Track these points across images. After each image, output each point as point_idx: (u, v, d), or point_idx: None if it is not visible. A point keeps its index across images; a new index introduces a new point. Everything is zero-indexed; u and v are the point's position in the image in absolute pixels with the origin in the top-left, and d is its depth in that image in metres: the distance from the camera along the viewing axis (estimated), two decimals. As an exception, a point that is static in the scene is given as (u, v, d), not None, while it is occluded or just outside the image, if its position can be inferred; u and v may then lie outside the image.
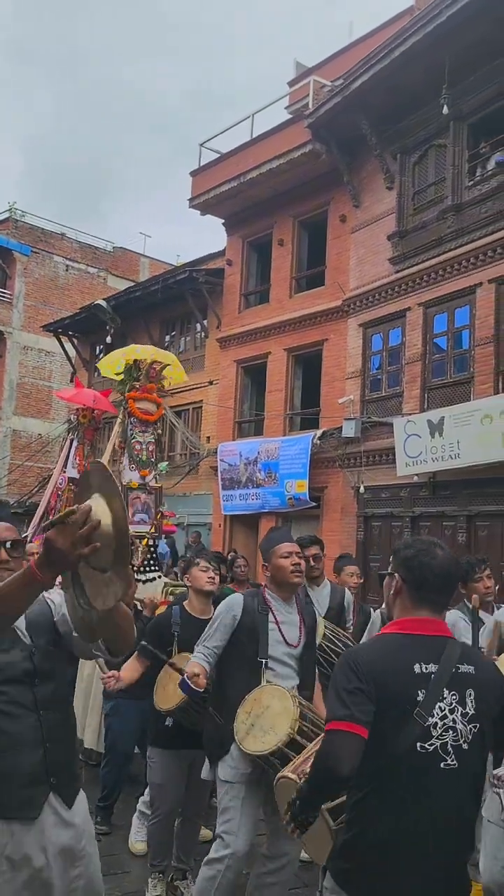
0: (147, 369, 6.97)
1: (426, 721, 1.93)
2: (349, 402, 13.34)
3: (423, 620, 2.07)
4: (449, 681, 1.97)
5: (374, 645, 2.16)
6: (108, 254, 29.27)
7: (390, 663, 2.00)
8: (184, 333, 19.48)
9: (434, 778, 1.93)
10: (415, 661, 1.99)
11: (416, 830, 1.93)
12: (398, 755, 1.93)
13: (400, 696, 1.96)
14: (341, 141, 13.68)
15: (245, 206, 16.39)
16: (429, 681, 1.97)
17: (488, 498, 10.82)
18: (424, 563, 2.09)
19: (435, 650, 2.02)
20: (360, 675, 1.97)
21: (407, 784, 1.94)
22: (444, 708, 1.95)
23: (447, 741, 1.95)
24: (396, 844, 1.94)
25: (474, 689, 2.00)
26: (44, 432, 23.69)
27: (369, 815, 1.99)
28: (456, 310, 11.79)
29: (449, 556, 2.14)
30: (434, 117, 11.87)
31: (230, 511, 15.80)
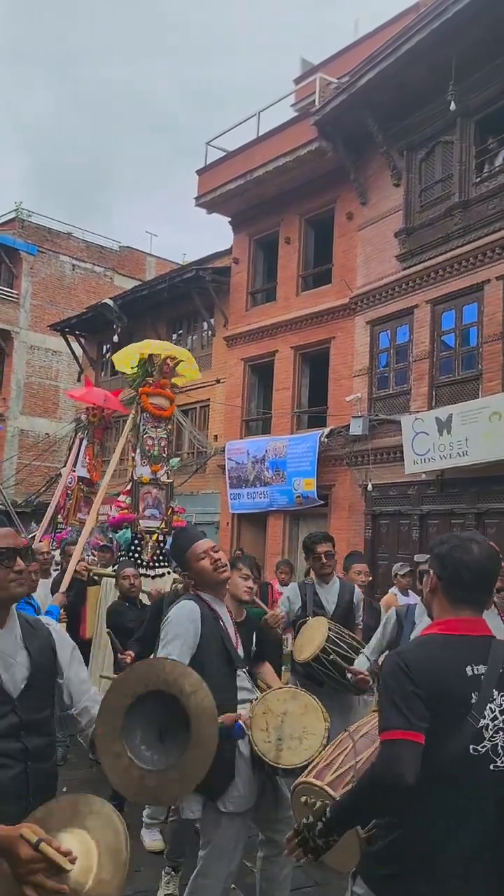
0: (161, 365, 6.97)
1: (479, 723, 1.91)
2: (357, 400, 13.32)
3: (467, 620, 2.04)
4: (497, 682, 1.95)
5: (422, 646, 2.06)
6: (114, 253, 29.29)
7: (443, 665, 1.96)
8: (191, 332, 19.48)
9: (485, 780, 1.91)
10: (466, 662, 1.96)
11: (467, 836, 1.90)
12: (451, 758, 1.90)
13: (454, 699, 1.92)
14: (348, 138, 13.65)
15: (251, 204, 16.38)
16: (480, 682, 1.94)
17: (497, 495, 10.79)
18: (458, 559, 2.04)
19: (482, 651, 1.99)
20: (414, 679, 1.92)
21: (458, 788, 1.91)
22: (494, 709, 1.93)
23: (498, 742, 1.92)
24: (444, 850, 1.90)
25: None
26: (51, 432, 23.72)
27: (417, 819, 1.93)
28: (464, 307, 11.75)
29: (486, 550, 2.07)
30: (441, 114, 11.84)
31: (238, 510, 15.80)
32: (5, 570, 2.03)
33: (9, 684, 2.01)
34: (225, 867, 3.02)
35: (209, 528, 16.52)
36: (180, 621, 3.09)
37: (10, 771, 1.97)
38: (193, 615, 3.10)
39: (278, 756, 2.91)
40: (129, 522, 6.65)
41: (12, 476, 23.72)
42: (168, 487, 7.09)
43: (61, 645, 2.22)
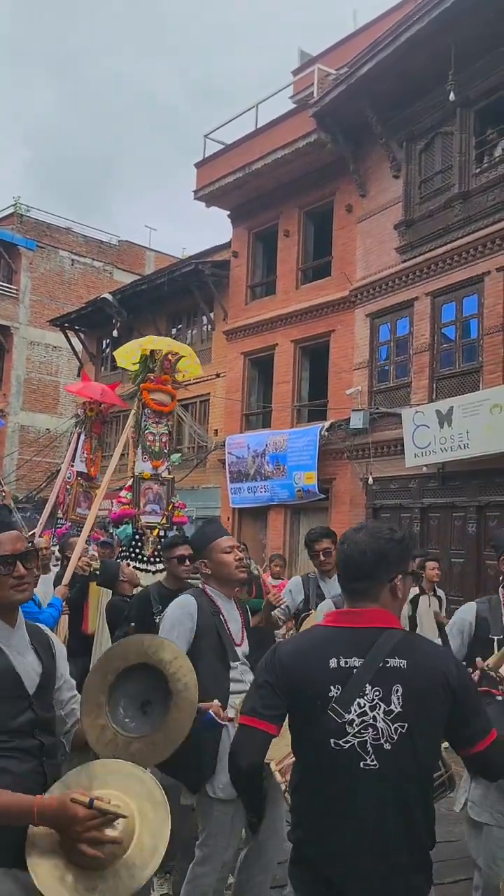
0: (162, 360, 6.95)
1: (342, 717, 1.82)
2: (357, 394, 13.29)
3: (350, 612, 1.97)
4: (373, 676, 1.84)
5: (298, 637, 2.11)
6: (113, 248, 29.23)
7: (305, 657, 1.93)
8: (190, 326, 19.44)
9: (354, 778, 1.81)
10: (332, 655, 1.87)
11: (343, 829, 1.83)
12: (315, 751, 1.87)
13: (310, 691, 1.87)
14: (347, 130, 13.58)
15: (250, 197, 16.31)
16: (349, 676, 1.84)
17: (498, 488, 10.76)
18: (339, 550, 2.05)
19: (360, 643, 1.88)
20: (274, 669, 1.94)
21: (326, 782, 1.86)
22: (363, 704, 1.82)
23: (366, 739, 1.81)
24: (324, 841, 1.86)
25: (403, 685, 1.83)
26: (51, 427, 23.73)
27: (299, 807, 1.96)
28: (464, 299, 11.71)
29: (367, 537, 1.98)
30: (440, 104, 11.77)
31: (238, 504, 15.79)
32: (5, 576, 2.03)
33: (25, 680, 2.05)
34: (220, 855, 3.01)
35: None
36: (176, 614, 3.18)
37: (28, 765, 2.00)
38: (189, 608, 3.18)
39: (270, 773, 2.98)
40: (130, 518, 6.64)
41: (13, 472, 23.72)
42: (169, 483, 7.08)
43: (58, 647, 2.26)
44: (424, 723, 1.84)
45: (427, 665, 1.88)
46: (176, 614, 3.18)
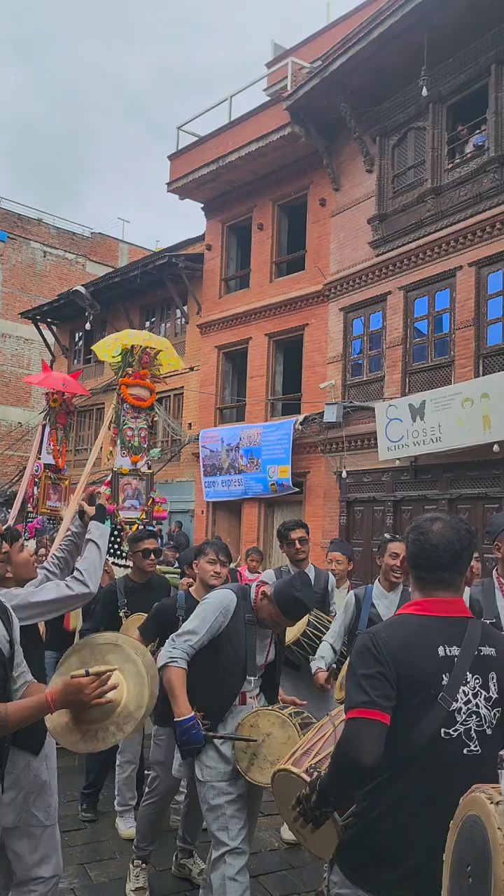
0: (140, 355, 6.92)
1: (450, 706, 1.87)
2: (330, 387, 13.34)
3: (442, 601, 2.01)
4: (472, 664, 1.91)
5: (395, 626, 2.04)
6: (86, 239, 28.96)
7: (413, 645, 1.93)
8: (164, 319, 19.35)
9: (457, 765, 1.86)
10: (439, 643, 1.93)
11: (440, 819, 1.81)
12: (423, 740, 1.87)
13: (424, 680, 1.89)
14: (320, 123, 13.58)
15: (224, 190, 16.26)
16: (452, 664, 1.90)
17: (469, 481, 10.88)
18: (414, 541, 2.05)
19: (457, 632, 1.95)
20: (381, 658, 1.90)
21: (430, 772, 1.87)
22: (467, 692, 1.89)
23: (471, 726, 1.88)
24: (417, 835, 1.86)
25: (496, 671, 1.94)
26: (24, 421, 23.49)
27: (389, 803, 1.91)
28: (436, 293, 11.80)
29: (445, 531, 2.04)
30: (413, 99, 11.82)
31: (212, 497, 15.78)
32: None
33: (1, 646, 2.31)
34: (224, 833, 3.06)
35: (184, 516, 16.49)
36: (212, 605, 3.24)
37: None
38: (228, 605, 3.22)
39: (248, 769, 3.06)
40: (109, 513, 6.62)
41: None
42: (148, 478, 7.06)
43: (14, 618, 2.46)
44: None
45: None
46: (213, 605, 3.23)
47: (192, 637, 3.17)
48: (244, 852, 3.07)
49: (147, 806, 3.93)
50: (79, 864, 4.09)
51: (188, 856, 4.03)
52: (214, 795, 3.13)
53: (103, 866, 4.09)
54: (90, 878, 3.91)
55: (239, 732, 3.11)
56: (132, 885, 3.77)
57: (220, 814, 3.11)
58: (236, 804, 3.14)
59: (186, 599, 3.93)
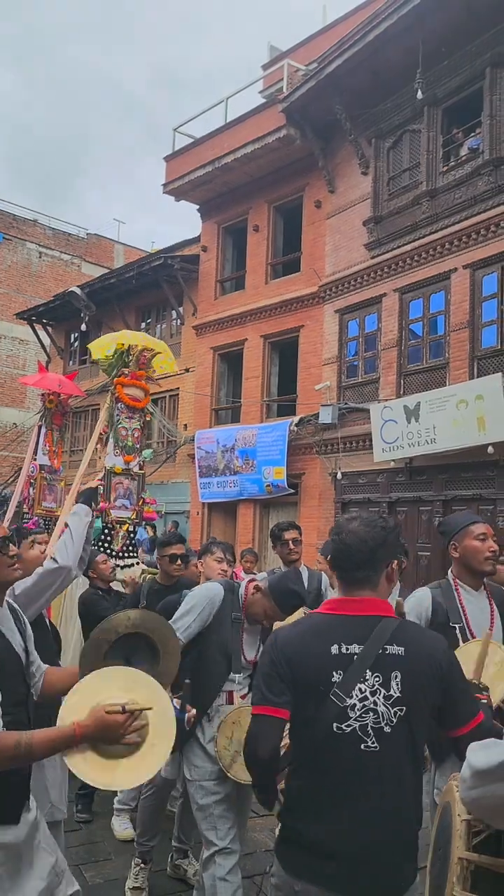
0: (138, 356, 6.95)
1: (344, 702, 1.90)
2: (326, 389, 13.37)
3: (349, 600, 2.03)
4: (373, 662, 1.92)
5: (296, 625, 2.13)
6: (81, 240, 28.95)
7: (306, 644, 1.98)
8: (159, 321, 19.36)
9: (355, 760, 1.90)
10: (333, 641, 1.95)
11: (342, 811, 1.90)
12: (318, 735, 1.92)
13: (313, 677, 1.94)
14: (316, 125, 13.62)
15: (220, 191, 16.28)
16: (350, 662, 1.92)
17: (464, 482, 10.92)
18: (334, 540, 2.10)
19: (362, 630, 1.96)
20: (275, 657, 2.00)
21: (330, 764, 1.92)
22: (364, 690, 1.90)
23: (367, 723, 1.89)
24: (323, 823, 1.92)
25: (401, 670, 1.92)
26: (19, 421, 23.46)
27: (298, 790, 2.00)
28: (431, 295, 11.83)
29: (362, 527, 2.05)
30: (408, 102, 11.86)
31: (208, 499, 15.79)
32: (2, 556, 2.26)
33: (21, 655, 2.28)
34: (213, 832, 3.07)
35: (179, 517, 16.50)
36: (199, 596, 3.27)
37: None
38: (214, 597, 3.25)
39: (231, 766, 3.05)
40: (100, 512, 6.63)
41: (-21, 467, 23.40)
42: (140, 478, 7.08)
43: (27, 625, 2.47)
44: (420, 707, 1.94)
45: (422, 652, 1.97)
46: (200, 597, 3.26)
47: (181, 624, 3.19)
48: (234, 852, 3.07)
49: (146, 798, 3.95)
50: (74, 864, 4.09)
51: (183, 856, 4.04)
52: (203, 795, 3.14)
53: (99, 867, 4.10)
54: (85, 879, 3.91)
55: (222, 729, 3.10)
56: (130, 884, 3.79)
57: (208, 813, 3.11)
58: (224, 804, 3.14)
59: None
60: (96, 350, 7.30)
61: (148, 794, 3.94)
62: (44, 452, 8.43)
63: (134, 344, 7.00)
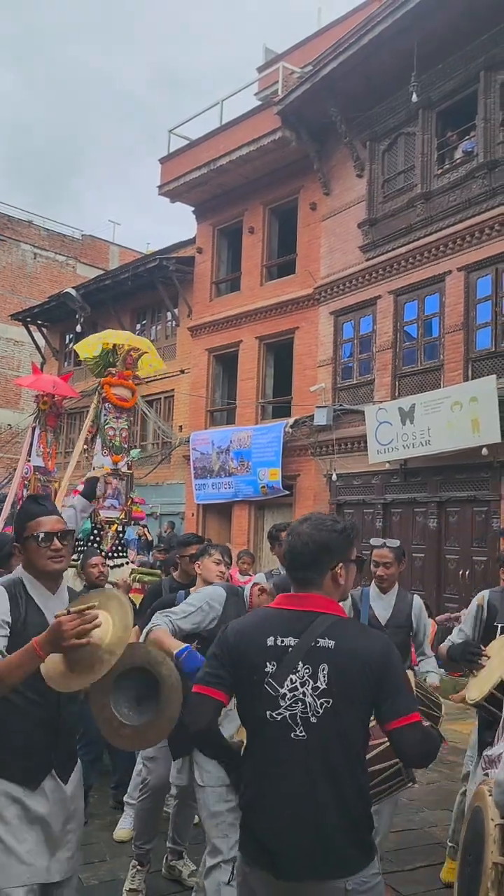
0: (124, 356, 6.94)
1: (276, 691, 1.99)
2: (321, 390, 13.39)
3: (291, 596, 2.12)
4: (304, 654, 2.00)
5: (245, 617, 2.29)
6: (76, 241, 28.93)
7: (247, 635, 2.10)
8: (154, 322, 19.36)
9: (286, 748, 1.98)
10: (270, 634, 2.05)
11: (275, 795, 1.99)
12: (255, 722, 2.03)
13: (249, 666, 2.05)
14: (311, 128, 13.65)
15: (215, 193, 16.30)
16: (285, 653, 2.01)
17: (458, 484, 10.95)
18: (286, 540, 2.18)
19: (299, 624, 2.04)
20: (222, 643, 2.13)
21: (264, 750, 2.02)
22: (295, 680, 1.99)
23: (296, 712, 1.97)
24: (260, 806, 2.03)
25: (329, 664, 1.98)
26: (14, 423, 23.40)
27: (245, 776, 2.11)
28: (426, 297, 11.87)
29: (311, 529, 2.12)
30: (403, 105, 11.90)
31: (203, 500, 15.79)
32: (45, 549, 2.46)
33: None
34: (224, 840, 3.07)
35: (175, 518, 16.50)
36: (199, 595, 3.30)
37: (46, 712, 2.43)
38: (215, 599, 3.29)
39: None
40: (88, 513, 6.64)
41: (-26, 468, 23.35)
42: (128, 478, 7.09)
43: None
44: (347, 699, 1.98)
45: (352, 646, 2.01)
46: (204, 599, 3.29)
47: (173, 615, 3.23)
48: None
49: (142, 801, 3.95)
50: (69, 866, 4.09)
51: (178, 857, 4.04)
52: (215, 801, 3.12)
53: (94, 869, 4.10)
54: (81, 881, 3.91)
55: (237, 737, 3.08)
56: (127, 886, 3.79)
57: (220, 821, 3.10)
58: (235, 812, 3.07)
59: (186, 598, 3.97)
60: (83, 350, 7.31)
61: (144, 797, 3.93)
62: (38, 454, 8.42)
63: (120, 344, 7.01)
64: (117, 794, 4.95)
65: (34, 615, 2.44)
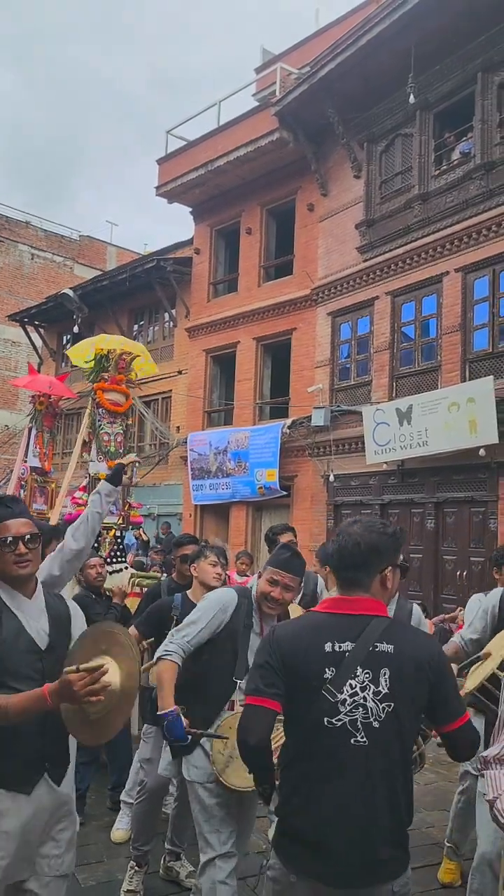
0: (116, 360, 6.92)
1: (335, 697, 1.97)
2: (318, 391, 13.40)
3: (343, 599, 2.10)
4: (364, 659, 1.99)
5: (292, 623, 2.23)
6: (74, 242, 28.91)
7: (301, 641, 2.05)
8: (152, 323, 19.35)
9: (345, 754, 1.96)
10: (327, 639, 2.02)
11: (331, 803, 1.97)
12: (310, 728, 2.00)
13: (306, 673, 2.01)
14: (308, 129, 13.66)
15: (212, 194, 16.30)
16: (342, 659, 1.99)
17: (456, 485, 10.96)
18: (335, 541, 2.18)
19: (353, 629, 2.03)
20: (271, 651, 2.07)
21: (319, 757, 1.99)
22: (354, 685, 1.97)
23: (357, 718, 1.96)
24: (313, 815, 1.99)
25: (390, 668, 1.99)
26: (10, 424, 23.37)
27: (291, 783, 2.06)
28: (423, 298, 11.88)
29: (362, 530, 2.12)
30: (400, 106, 11.92)
31: (200, 501, 15.79)
32: (10, 553, 2.43)
33: (37, 639, 2.46)
34: (216, 836, 3.04)
35: (172, 519, 16.49)
36: (212, 602, 3.20)
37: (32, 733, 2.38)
38: (226, 605, 3.15)
39: (223, 770, 3.02)
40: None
41: (-29, 469, 23.31)
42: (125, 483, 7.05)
43: (75, 616, 2.66)
44: (408, 703, 2.00)
45: (411, 650, 2.04)
46: (211, 604, 3.18)
47: (190, 631, 3.11)
48: (233, 856, 3.05)
49: (140, 803, 3.95)
50: (66, 867, 4.09)
51: (176, 858, 4.04)
52: (206, 796, 3.09)
53: (91, 869, 4.10)
54: (78, 882, 3.91)
55: (218, 732, 3.06)
56: (125, 887, 3.79)
57: (210, 815, 3.07)
58: (226, 807, 3.09)
59: (183, 601, 3.95)
60: (74, 356, 7.30)
61: (141, 799, 3.93)
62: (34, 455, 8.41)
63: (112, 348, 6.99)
64: (114, 795, 4.96)
65: (9, 620, 2.42)
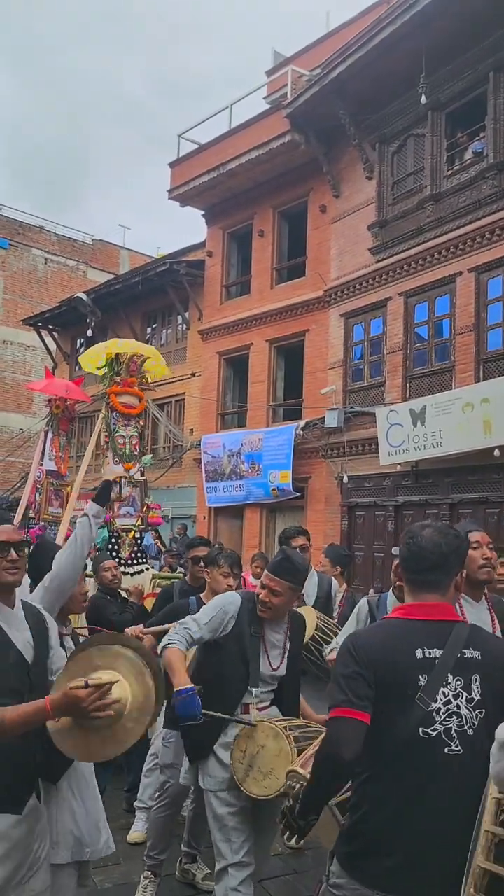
0: (128, 363, 6.96)
1: (429, 706, 1.93)
2: (332, 393, 13.37)
3: (426, 605, 2.06)
4: (454, 666, 1.97)
5: (375, 630, 2.17)
6: (87, 246, 29.06)
7: (391, 648, 2.00)
8: (165, 326, 19.40)
9: (439, 764, 1.92)
10: (417, 646, 1.99)
11: (423, 816, 1.90)
12: (402, 739, 1.93)
13: (400, 681, 1.96)
14: (320, 131, 13.66)
15: (224, 196, 16.33)
16: (433, 666, 1.96)
17: (470, 486, 10.90)
18: (408, 546, 2.12)
19: (440, 635, 2.01)
20: (359, 660, 1.99)
21: (411, 769, 1.93)
22: (447, 693, 1.95)
23: (451, 727, 1.93)
24: (402, 830, 1.92)
25: (480, 674, 1.98)
26: (25, 427, 23.52)
27: (374, 798, 1.98)
28: (436, 299, 11.84)
29: (434, 536, 2.10)
30: (412, 106, 11.88)
31: (214, 503, 15.80)
32: (1, 559, 2.37)
33: (24, 651, 2.39)
34: (227, 845, 3.03)
35: (187, 521, 16.52)
36: (214, 603, 3.23)
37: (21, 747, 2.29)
38: (231, 606, 3.19)
39: (243, 779, 3.01)
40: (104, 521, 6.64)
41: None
42: (142, 484, 7.09)
43: (50, 625, 2.60)
44: (498, 707, 1.98)
45: (496, 656, 2.04)
46: (216, 606, 3.20)
47: (191, 626, 3.15)
48: (247, 864, 3.02)
49: (158, 810, 3.92)
50: (83, 869, 4.10)
51: (192, 860, 4.04)
52: (217, 805, 3.09)
53: (107, 872, 4.10)
54: (95, 883, 3.92)
55: (237, 742, 3.06)
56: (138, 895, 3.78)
57: (222, 824, 3.06)
58: (240, 815, 3.07)
59: (198, 605, 3.96)
60: (86, 363, 7.35)
61: (161, 805, 3.90)
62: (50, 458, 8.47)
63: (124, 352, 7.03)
64: (130, 797, 4.97)
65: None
